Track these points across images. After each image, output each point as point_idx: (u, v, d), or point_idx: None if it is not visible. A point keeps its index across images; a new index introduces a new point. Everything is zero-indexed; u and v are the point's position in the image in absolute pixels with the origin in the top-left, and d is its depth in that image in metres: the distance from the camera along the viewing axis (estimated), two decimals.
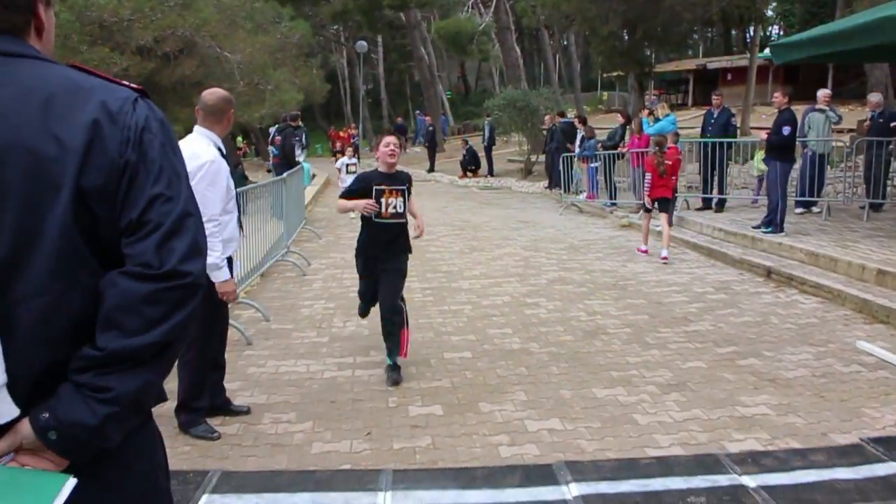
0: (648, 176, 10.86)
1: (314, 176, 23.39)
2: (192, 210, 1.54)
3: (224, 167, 4.54)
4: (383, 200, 5.64)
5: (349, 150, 17.41)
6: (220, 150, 4.60)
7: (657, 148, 10.85)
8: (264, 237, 9.91)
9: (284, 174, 11.80)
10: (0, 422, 1.36)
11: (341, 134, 38.84)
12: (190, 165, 3.97)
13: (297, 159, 15.57)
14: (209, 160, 4.41)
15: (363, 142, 36.13)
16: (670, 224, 10.94)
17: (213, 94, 4.66)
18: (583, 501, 3.81)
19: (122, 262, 1.45)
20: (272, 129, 16.99)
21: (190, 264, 1.47)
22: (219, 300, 4.66)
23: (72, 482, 1.35)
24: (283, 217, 11.09)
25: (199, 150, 4.45)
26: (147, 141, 1.49)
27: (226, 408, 5.11)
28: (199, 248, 1.52)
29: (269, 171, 20.04)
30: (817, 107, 12.71)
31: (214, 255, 4.40)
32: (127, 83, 1.57)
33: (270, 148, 14.91)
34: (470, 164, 25.64)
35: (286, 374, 5.94)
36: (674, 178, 10.92)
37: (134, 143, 1.46)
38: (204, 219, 4.68)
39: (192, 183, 4.64)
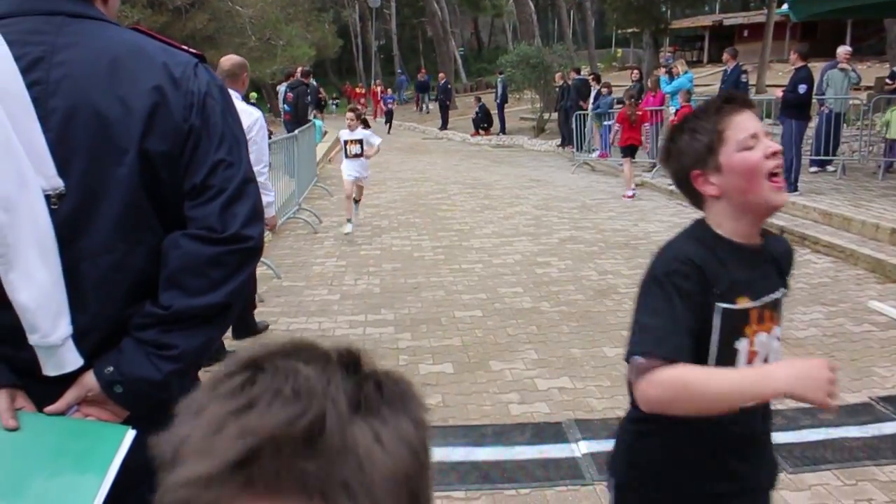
0: (618, 126, 12.61)
1: (325, 133, 23.32)
2: (251, 176, 1.56)
3: (265, 123, 5.38)
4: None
5: (351, 118, 9.54)
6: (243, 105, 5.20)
7: (630, 100, 12.48)
8: (276, 194, 9.90)
9: (296, 131, 11.76)
10: (66, 370, 1.40)
11: (357, 90, 38.58)
12: (245, 121, 4.70)
13: (308, 116, 15.49)
14: (260, 115, 5.18)
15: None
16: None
17: (228, 59, 5.41)
18: (592, 459, 3.85)
19: (184, 223, 1.48)
20: (281, 87, 16.83)
21: (251, 229, 1.51)
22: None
23: (132, 434, 1.39)
24: (295, 174, 11.09)
25: (245, 107, 5.03)
26: (210, 106, 1.51)
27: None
28: (258, 213, 1.56)
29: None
30: (839, 65, 12.52)
31: (270, 195, 5.59)
32: (186, 48, 1.58)
33: (283, 105, 14.80)
34: (482, 122, 25.48)
35: (298, 332, 5.98)
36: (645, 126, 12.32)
37: (197, 108, 1.48)
38: (261, 165, 4.82)
39: (251, 135, 4.87)
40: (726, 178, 1.67)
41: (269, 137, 7.41)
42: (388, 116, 29.78)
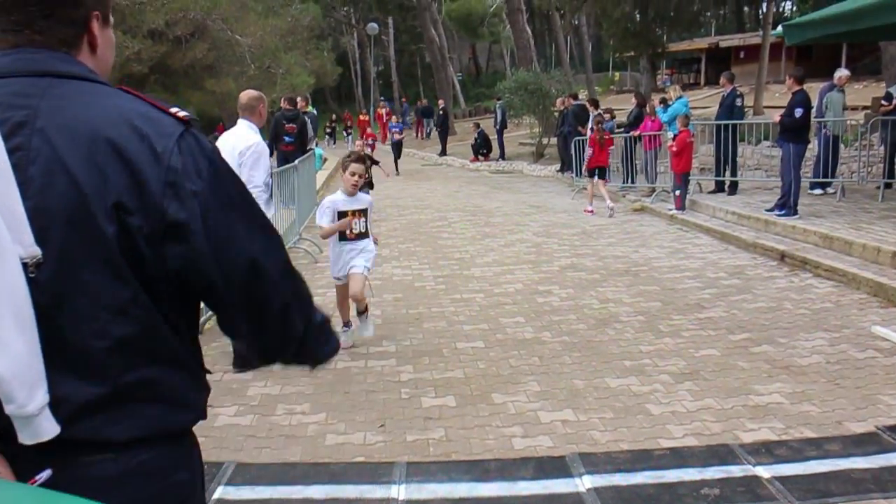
0: (590, 150, 13.73)
1: (325, 160, 23.38)
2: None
3: (265, 149, 6.10)
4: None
5: (355, 173, 6.17)
6: (258, 136, 6.00)
7: (598, 126, 13.80)
8: (276, 224, 9.92)
9: (296, 161, 11.78)
10: (43, 439, 1.37)
11: (361, 118, 37.97)
12: (242, 145, 5.80)
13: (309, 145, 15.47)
14: (256, 142, 5.89)
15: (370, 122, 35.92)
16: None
17: (246, 94, 6.18)
18: (596, 494, 3.82)
19: (176, 299, 1.49)
20: (277, 115, 16.71)
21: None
22: None
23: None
24: (296, 203, 11.10)
25: (246, 133, 5.95)
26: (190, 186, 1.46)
27: None
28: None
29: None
30: (836, 86, 12.55)
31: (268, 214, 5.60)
32: (175, 111, 1.53)
33: (286, 137, 14.75)
34: (482, 148, 25.56)
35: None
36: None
37: (176, 187, 1.43)
38: (250, 186, 4.93)
39: (242, 159, 5.47)
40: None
41: None
42: (397, 149, 24.98)
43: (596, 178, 13.72)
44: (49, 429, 1.38)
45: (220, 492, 3.93)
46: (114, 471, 1.45)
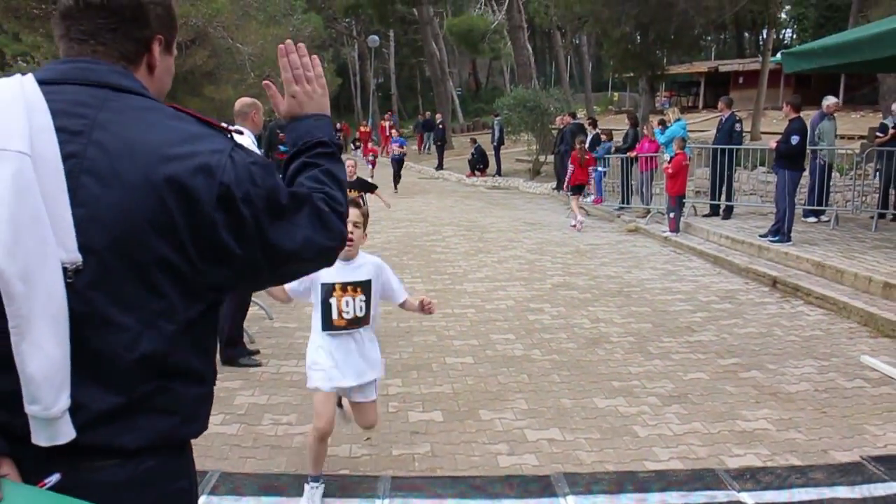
0: (571, 167, 14.54)
1: None
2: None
3: (258, 152, 5.82)
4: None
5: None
6: (253, 141, 6.03)
7: (580, 145, 14.82)
8: None
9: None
10: (58, 442, 1.39)
11: (361, 129, 37.66)
12: None
13: None
14: (248, 145, 5.56)
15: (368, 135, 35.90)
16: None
17: (241, 101, 6.28)
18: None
19: (201, 310, 1.55)
20: (271, 124, 16.72)
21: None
22: None
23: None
24: None
25: (242, 139, 5.59)
26: (248, 195, 1.51)
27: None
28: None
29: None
30: (827, 115, 12.62)
31: None
32: (225, 126, 1.60)
33: (280, 146, 14.78)
34: (478, 163, 25.60)
35: (288, 375, 5.95)
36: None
37: (231, 199, 1.48)
38: None
39: None
40: None
41: None
42: (397, 165, 22.45)
43: (570, 193, 14.84)
44: (66, 432, 1.40)
45: (203, 501, 3.92)
46: (121, 477, 1.47)
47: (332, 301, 3.75)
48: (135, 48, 1.58)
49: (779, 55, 11.56)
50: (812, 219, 12.51)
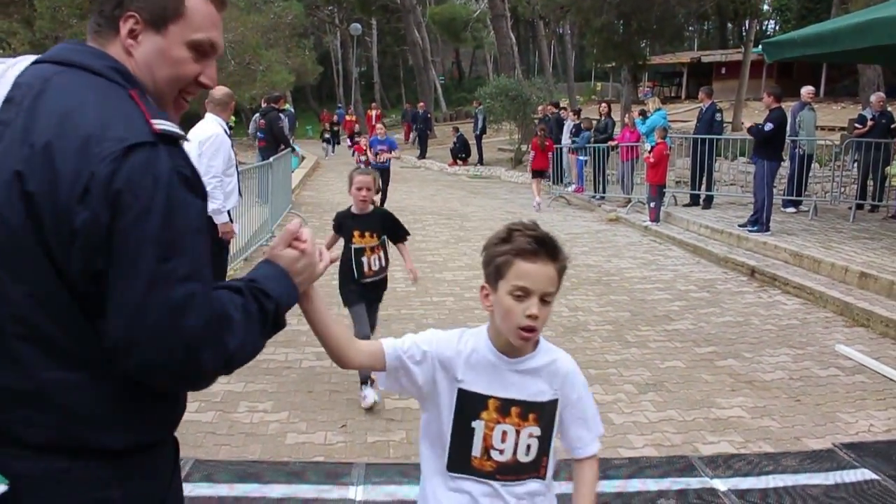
0: (532, 153, 16.01)
1: (303, 158, 23.30)
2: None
3: (227, 140, 6.20)
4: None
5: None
6: (225, 130, 6.26)
7: (541, 132, 16.17)
8: (249, 221, 9.87)
9: (271, 158, 11.74)
10: None
11: (348, 118, 36.69)
12: (202, 136, 5.96)
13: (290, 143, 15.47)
14: (216, 133, 6.04)
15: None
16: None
17: (219, 90, 6.25)
18: (558, 501, 3.81)
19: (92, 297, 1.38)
20: (256, 115, 16.73)
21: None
22: (221, 238, 6.13)
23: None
24: (269, 201, 11.05)
25: (209, 127, 6.10)
26: (124, 204, 1.33)
27: None
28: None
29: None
30: (806, 104, 12.67)
31: (217, 203, 5.82)
32: (154, 122, 1.42)
33: (258, 133, 14.74)
34: (460, 152, 25.58)
35: (264, 362, 5.91)
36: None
37: (101, 201, 1.33)
38: (208, 176, 5.43)
39: (202, 150, 5.57)
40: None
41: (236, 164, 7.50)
42: (384, 176, 13.99)
43: (532, 177, 16.11)
44: None
45: None
46: (35, 471, 1.42)
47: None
48: (108, 27, 1.52)
49: (760, 46, 11.61)
50: (791, 209, 12.59)
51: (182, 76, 1.57)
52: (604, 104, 17.56)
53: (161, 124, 1.42)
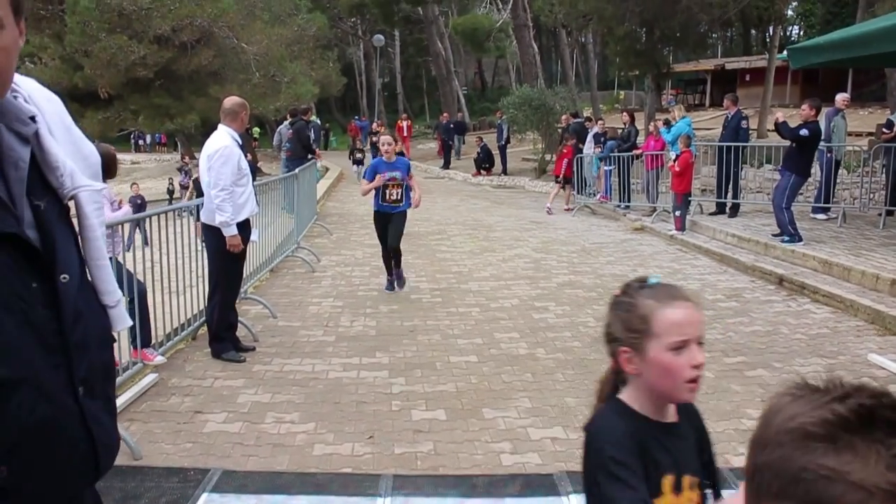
0: (566, 161, 16.64)
1: (326, 170, 23.39)
2: None
3: (236, 151, 6.08)
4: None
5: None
6: (236, 140, 6.14)
7: (572, 141, 17.09)
8: (274, 233, 9.91)
9: (297, 169, 11.79)
10: None
11: (376, 126, 36.37)
12: (211, 148, 6.03)
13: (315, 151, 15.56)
14: (224, 145, 6.00)
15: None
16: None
17: (230, 100, 6.31)
18: None
19: None
20: (282, 127, 16.80)
21: None
22: (232, 252, 6.14)
23: None
24: (295, 212, 11.09)
25: (219, 139, 6.08)
26: None
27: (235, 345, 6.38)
28: None
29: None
30: (840, 111, 12.53)
31: (225, 215, 5.94)
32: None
33: (285, 144, 14.79)
34: (484, 162, 25.56)
35: (291, 373, 5.93)
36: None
37: None
38: (216, 189, 6.04)
39: (211, 162, 5.71)
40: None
41: (259, 175, 7.57)
42: (397, 227, 8.92)
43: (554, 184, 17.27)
44: None
45: (204, 499, 3.90)
46: None
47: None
48: None
49: (786, 51, 11.49)
50: (821, 216, 12.44)
51: None
52: (625, 113, 17.46)
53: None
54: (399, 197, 8.30)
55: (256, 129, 38.26)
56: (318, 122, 26.63)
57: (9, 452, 1.41)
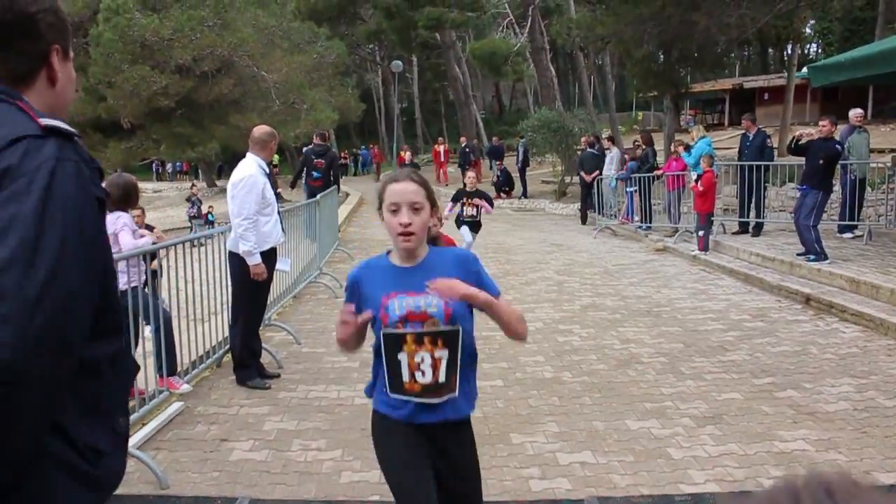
0: None
1: (347, 195, 23.47)
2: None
3: (261, 180, 6.07)
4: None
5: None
6: (263, 169, 6.18)
7: None
8: (297, 259, 9.93)
9: (318, 196, 11.83)
10: None
11: (403, 155, 36.17)
12: (236, 177, 6.06)
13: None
14: (249, 174, 6.03)
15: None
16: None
17: (259, 129, 6.34)
18: None
19: None
20: (308, 150, 16.72)
21: None
22: (256, 281, 6.12)
23: None
24: (317, 238, 11.12)
25: (245, 167, 6.12)
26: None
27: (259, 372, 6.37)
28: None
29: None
30: (856, 128, 12.43)
31: (248, 245, 5.93)
32: (41, 119, 1.46)
33: (314, 172, 14.74)
34: (504, 185, 25.60)
35: (316, 400, 5.91)
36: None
37: None
38: (240, 218, 5.58)
39: (235, 191, 5.71)
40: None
41: (280, 200, 7.55)
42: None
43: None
44: None
45: None
46: None
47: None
48: (28, 64, 1.54)
49: (805, 70, 11.46)
50: (847, 234, 12.32)
51: None
52: (641, 136, 17.41)
53: (47, 121, 1.45)
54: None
55: (276, 157, 38.53)
56: (335, 150, 26.80)
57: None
